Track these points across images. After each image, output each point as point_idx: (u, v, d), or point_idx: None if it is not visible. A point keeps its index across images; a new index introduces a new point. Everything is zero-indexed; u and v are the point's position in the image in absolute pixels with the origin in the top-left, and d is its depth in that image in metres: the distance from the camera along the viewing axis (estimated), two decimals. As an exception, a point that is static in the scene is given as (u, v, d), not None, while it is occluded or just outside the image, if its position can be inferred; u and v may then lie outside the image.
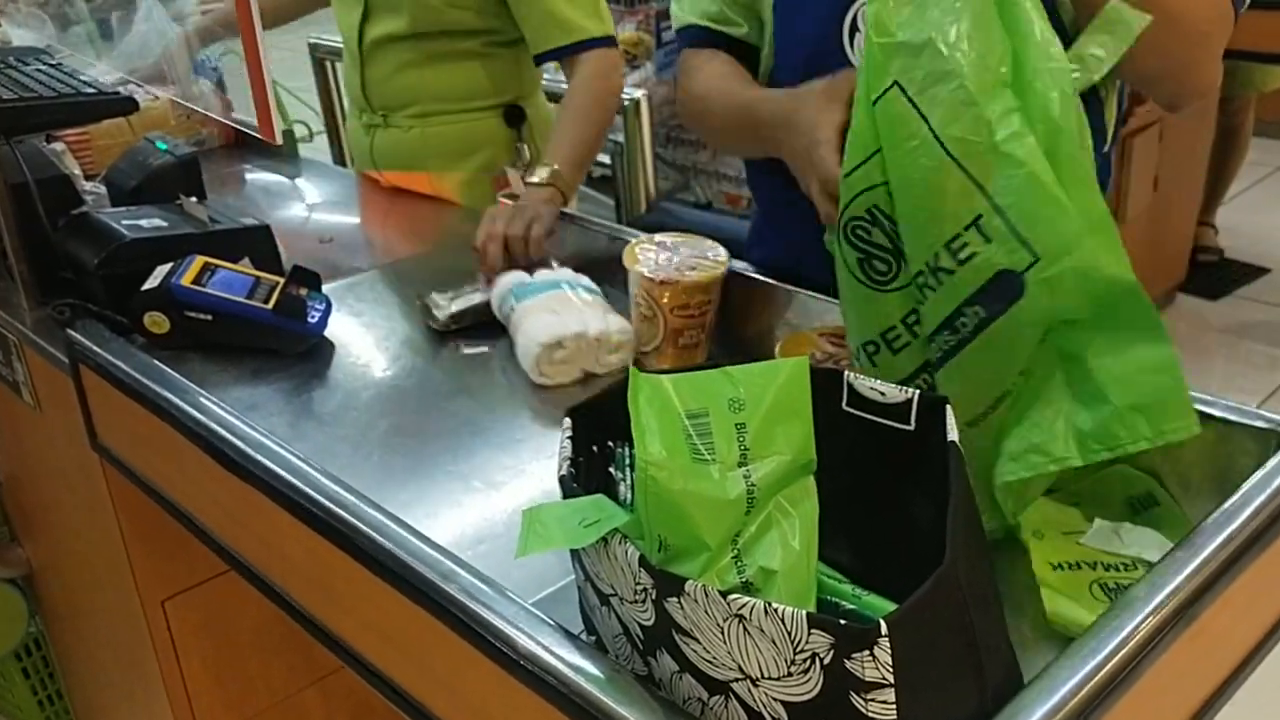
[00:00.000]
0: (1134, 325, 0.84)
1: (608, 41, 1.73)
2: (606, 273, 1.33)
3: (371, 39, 1.81)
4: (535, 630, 0.77)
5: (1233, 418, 0.95)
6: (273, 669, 1.61)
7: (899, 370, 0.92)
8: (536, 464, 1.08)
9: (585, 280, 1.29)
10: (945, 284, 0.84)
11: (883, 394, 0.78)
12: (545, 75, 1.95)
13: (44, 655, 1.89)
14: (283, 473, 1.00)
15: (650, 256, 1.23)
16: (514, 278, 1.29)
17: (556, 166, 1.60)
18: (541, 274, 1.29)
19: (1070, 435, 0.85)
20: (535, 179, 1.58)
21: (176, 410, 1.13)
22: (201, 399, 1.14)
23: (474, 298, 1.31)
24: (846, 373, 0.80)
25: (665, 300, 1.20)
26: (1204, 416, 0.94)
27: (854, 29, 1.13)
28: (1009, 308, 0.83)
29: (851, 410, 0.80)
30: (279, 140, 1.24)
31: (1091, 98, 1.15)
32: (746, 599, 0.61)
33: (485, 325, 1.31)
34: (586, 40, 1.70)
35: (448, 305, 1.30)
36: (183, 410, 1.13)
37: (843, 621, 0.59)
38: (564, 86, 1.77)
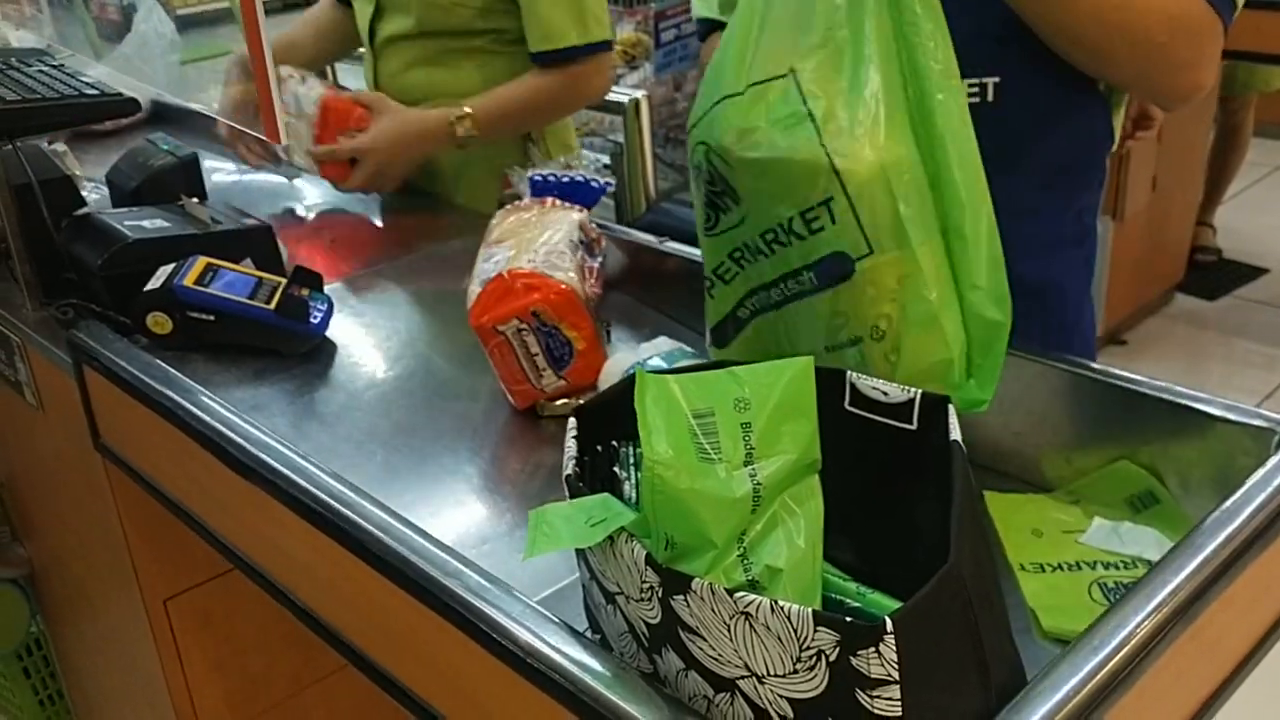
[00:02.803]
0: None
1: (595, 48, 1.74)
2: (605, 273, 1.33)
3: (383, 36, 1.84)
4: (540, 628, 0.77)
5: (1232, 417, 0.95)
6: (275, 668, 1.61)
7: (731, 298, 1.01)
8: (540, 462, 1.08)
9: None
10: (794, 245, 0.92)
11: (885, 393, 0.78)
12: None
13: (45, 655, 1.89)
14: (286, 471, 1.00)
15: None
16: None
17: (469, 111, 1.70)
18: None
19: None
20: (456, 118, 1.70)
21: (179, 410, 1.14)
22: (204, 399, 1.15)
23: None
24: (849, 373, 0.80)
25: None
26: (1203, 416, 0.95)
27: None
28: (837, 284, 0.91)
29: (854, 410, 0.80)
30: (284, 139, 1.24)
31: (1101, 101, 1.15)
32: (753, 597, 0.62)
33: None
34: (565, 49, 1.72)
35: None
36: (186, 410, 1.13)
37: (848, 619, 0.60)
38: None
